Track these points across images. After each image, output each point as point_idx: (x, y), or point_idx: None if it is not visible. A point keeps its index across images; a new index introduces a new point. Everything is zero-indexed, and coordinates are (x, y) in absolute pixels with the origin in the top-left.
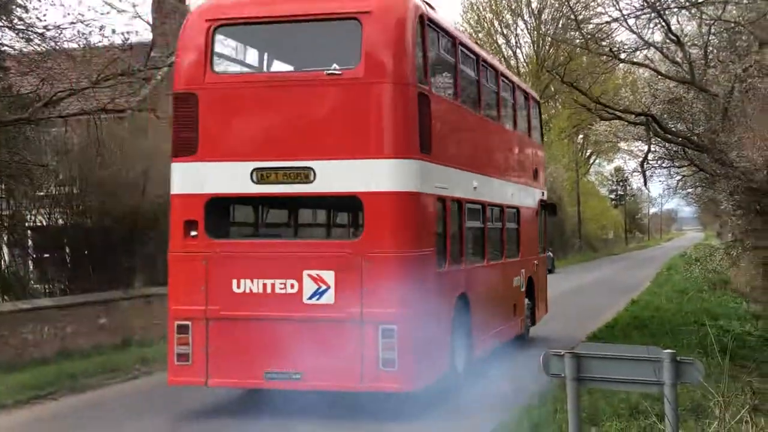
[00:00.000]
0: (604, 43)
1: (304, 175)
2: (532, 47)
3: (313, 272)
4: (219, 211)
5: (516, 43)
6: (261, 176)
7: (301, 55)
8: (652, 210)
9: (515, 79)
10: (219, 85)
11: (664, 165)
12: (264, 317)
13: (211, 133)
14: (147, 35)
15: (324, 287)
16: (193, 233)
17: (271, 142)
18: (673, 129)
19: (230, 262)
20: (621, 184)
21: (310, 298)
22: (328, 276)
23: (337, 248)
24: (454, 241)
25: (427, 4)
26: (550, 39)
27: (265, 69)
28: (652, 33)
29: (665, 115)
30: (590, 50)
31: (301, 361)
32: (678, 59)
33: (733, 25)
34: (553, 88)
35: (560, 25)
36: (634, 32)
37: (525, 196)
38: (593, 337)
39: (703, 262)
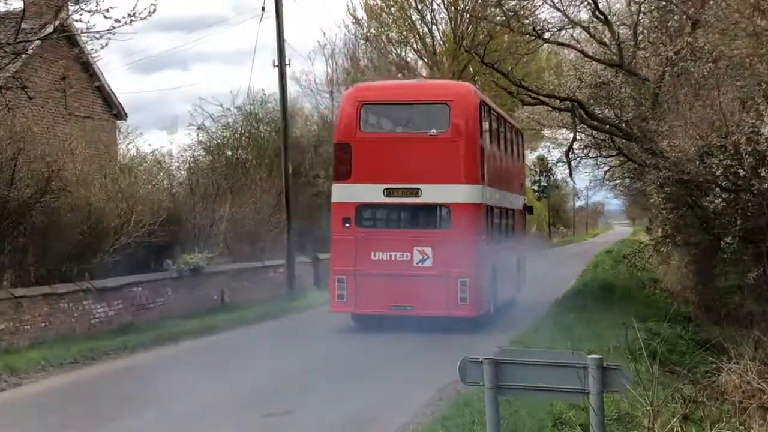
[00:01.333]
0: (526, 21)
1: (415, 192)
2: (449, 24)
3: (420, 248)
4: (363, 212)
5: (432, 19)
6: (389, 192)
7: (413, 122)
8: (578, 203)
9: (512, 120)
10: (364, 138)
11: (590, 154)
12: (390, 274)
13: (359, 166)
14: (17, 4)
15: (426, 257)
16: (347, 225)
17: (396, 172)
18: (600, 116)
19: (370, 242)
20: (544, 174)
21: (417, 263)
22: (429, 250)
23: (434, 234)
24: (489, 231)
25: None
26: (468, 15)
27: (391, 130)
28: (578, 11)
29: (592, 101)
30: (512, 29)
31: (412, 299)
32: (606, 40)
33: (664, 3)
34: (471, 69)
35: (479, 1)
36: (558, 10)
37: (517, 202)
38: (515, 341)
39: (632, 259)
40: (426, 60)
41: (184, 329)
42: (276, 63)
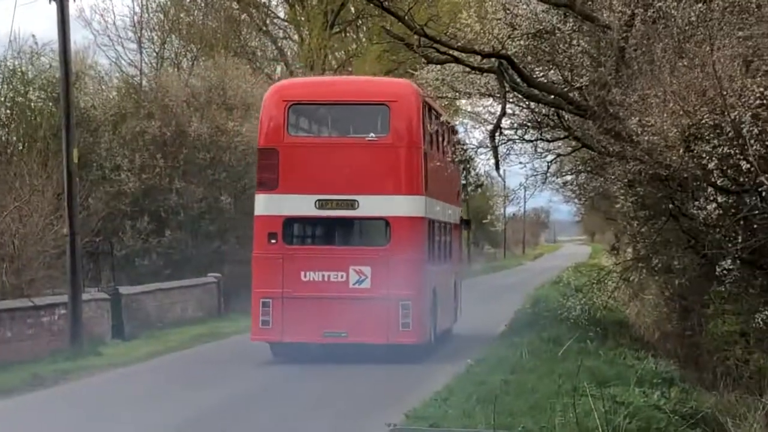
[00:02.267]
0: None
1: (351, 204)
2: None
3: (356, 267)
4: (291, 226)
5: None
6: (321, 204)
7: (349, 124)
8: (511, 209)
9: (441, 110)
10: (293, 143)
11: (527, 137)
12: (322, 296)
13: (287, 174)
14: None
15: (363, 277)
16: (273, 241)
17: (329, 182)
18: (542, 80)
19: (299, 260)
20: (462, 167)
21: (354, 284)
22: (367, 270)
23: (372, 252)
24: (431, 249)
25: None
26: None
27: (324, 134)
28: None
29: (529, 58)
30: None
31: (347, 324)
32: None
33: None
34: (353, 10)
35: None
36: None
37: (455, 215)
38: (413, 417)
39: (588, 294)
40: None
41: None
42: None
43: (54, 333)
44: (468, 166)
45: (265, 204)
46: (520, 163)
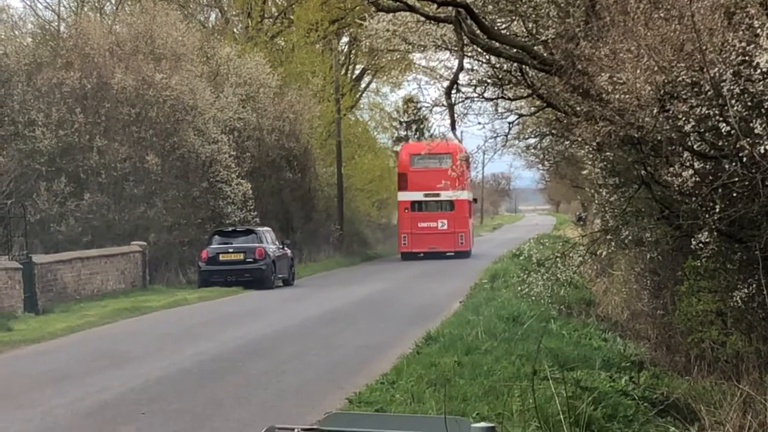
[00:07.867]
0: None
1: (437, 195)
2: None
3: (441, 220)
4: (414, 204)
5: None
6: (426, 195)
7: (436, 160)
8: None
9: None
10: (414, 170)
11: (487, 94)
12: (428, 232)
13: (411, 183)
14: None
15: (444, 223)
16: (407, 209)
17: (428, 186)
18: (504, 32)
19: (417, 217)
20: (414, 127)
21: (440, 227)
22: (445, 221)
23: (447, 214)
24: (469, 211)
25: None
26: None
27: (425, 165)
28: None
29: (490, 7)
30: None
31: (438, 243)
32: None
33: None
34: None
35: None
36: None
37: (471, 195)
38: (357, 401)
39: (551, 268)
40: None
41: None
42: None
43: None
44: (421, 126)
45: (402, 196)
46: (479, 123)
